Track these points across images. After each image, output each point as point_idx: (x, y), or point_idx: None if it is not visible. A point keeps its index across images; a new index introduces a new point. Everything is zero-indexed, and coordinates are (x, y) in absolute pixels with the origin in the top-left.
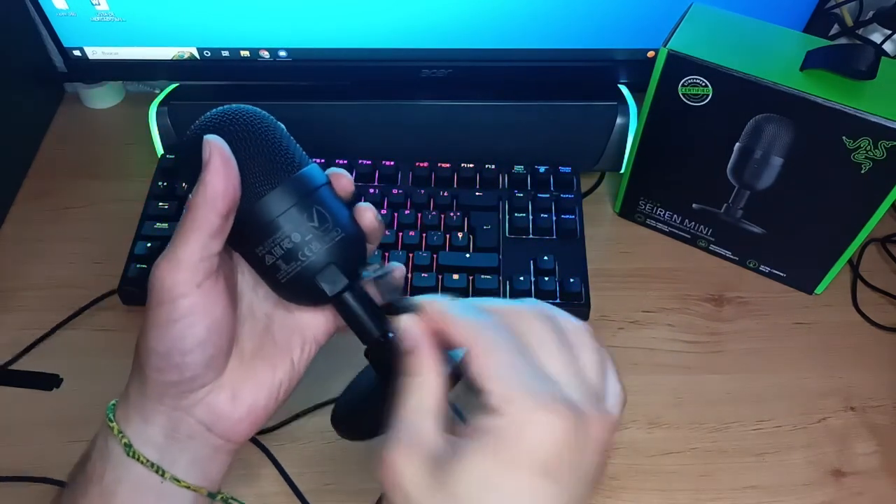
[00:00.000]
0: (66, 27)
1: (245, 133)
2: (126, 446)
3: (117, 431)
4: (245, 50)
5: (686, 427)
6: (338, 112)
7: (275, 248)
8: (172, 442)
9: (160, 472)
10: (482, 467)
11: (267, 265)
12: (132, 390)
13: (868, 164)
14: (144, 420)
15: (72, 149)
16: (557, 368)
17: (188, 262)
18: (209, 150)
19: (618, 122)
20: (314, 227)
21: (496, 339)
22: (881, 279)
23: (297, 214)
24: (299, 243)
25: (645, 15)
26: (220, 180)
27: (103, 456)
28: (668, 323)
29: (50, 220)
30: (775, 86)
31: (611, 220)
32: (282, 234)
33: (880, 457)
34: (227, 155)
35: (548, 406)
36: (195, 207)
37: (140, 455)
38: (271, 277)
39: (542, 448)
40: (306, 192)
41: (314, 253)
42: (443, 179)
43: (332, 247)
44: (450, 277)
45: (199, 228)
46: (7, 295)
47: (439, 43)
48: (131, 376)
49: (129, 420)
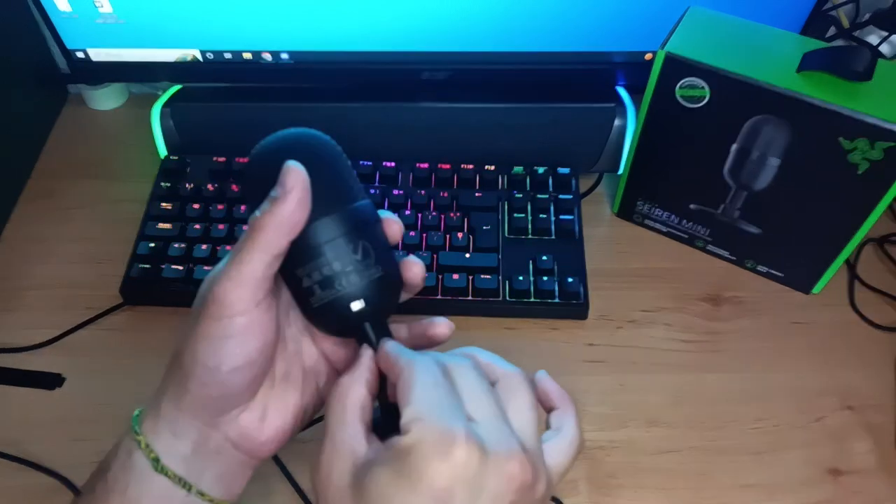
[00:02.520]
0: (69, 29)
1: (313, 156)
2: (154, 461)
3: (144, 445)
4: (247, 52)
5: (684, 426)
6: (339, 114)
7: (314, 273)
8: (200, 456)
9: (186, 486)
10: (385, 482)
11: (303, 287)
12: (164, 403)
13: (865, 164)
14: (175, 434)
15: (75, 150)
16: (480, 411)
17: (252, 279)
18: (293, 178)
19: (616, 123)
20: (357, 260)
21: (423, 372)
22: (878, 279)
23: (344, 245)
24: (339, 272)
25: (642, 18)
26: (298, 209)
27: (126, 468)
28: (666, 322)
29: (53, 220)
30: (772, 87)
31: (609, 221)
32: (324, 259)
33: (878, 455)
34: (308, 186)
35: (451, 434)
36: (264, 228)
37: (168, 470)
38: (304, 300)
39: (437, 475)
40: (357, 226)
41: (351, 285)
42: (443, 180)
43: (370, 283)
44: (450, 277)
45: (266, 249)
46: (10, 294)
47: (440, 46)
48: (163, 389)
49: (158, 433)
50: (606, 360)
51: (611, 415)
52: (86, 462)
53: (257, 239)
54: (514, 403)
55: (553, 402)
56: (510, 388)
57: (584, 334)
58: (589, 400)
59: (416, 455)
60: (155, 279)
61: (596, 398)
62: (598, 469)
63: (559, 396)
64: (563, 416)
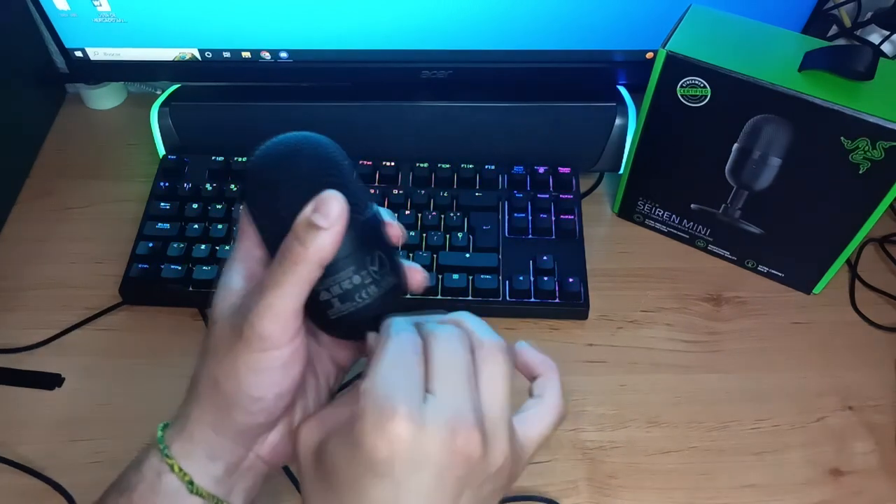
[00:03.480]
0: (67, 28)
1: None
2: (189, 483)
3: (178, 469)
4: (246, 51)
5: (685, 426)
6: (339, 113)
7: (334, 287)
8: (232, 476)
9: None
10: (338, 451)
11: (321, 300)
12: (199, 428)
13: (866, 164)
14: (211, 458)
15: (73, 149)
16: (443, 385)
17: (294, 311)
18: (337, 211)
19: (616, 122)
20: (374, 272)
21: (393, 349)
22: (879, 279)
23: (362, 257)
24: (358, 286)
25: (644, 16)
26: (338, 241)
27: (155, 489)
28: (667, 322)
29: (52, 220)
30: (773, 87)
31: (610, 221)
32: (344, 274)
33: (878, 456)
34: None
35: (390, 409)
36: (306, 261)
37: (203, 491)
38: (321, 312)
39: (375, 448)
40: (371, 235)
41: (370, 297)
42: (443, 180)
43: (386, 293)
44: (450, 277)
45: (307, 280)
46: (9, 294)
47: (439, 44)
48: (197, 414)
49: (191, 456)
50: (607, 361)
51: (611, 415)
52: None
53: (298, 271)
54: (486, 373)
55: (535, 370)
56: (486, 357)
57: (584, 334)
58: (589, 400)
59: (358, 427)
60: (154, 279)
61: (596, 398)
62: (599, 469)
63: (541, 363)
64: (544, 383)
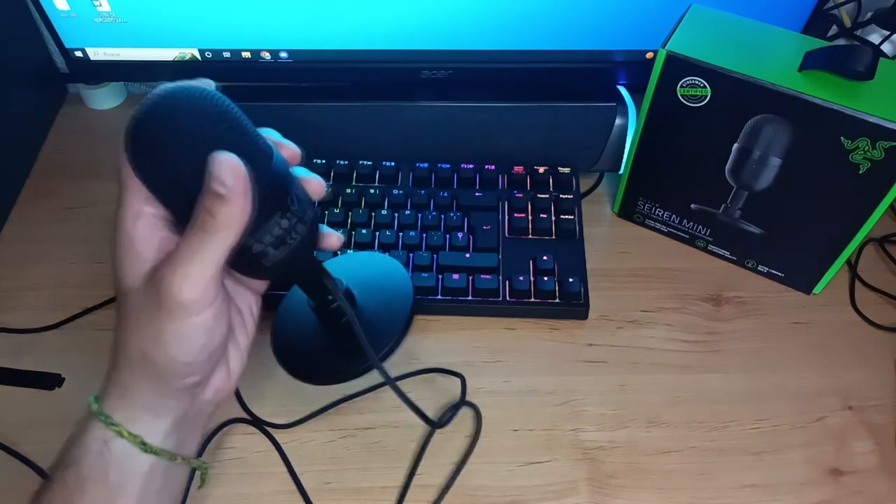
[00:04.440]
0: (67, 28)
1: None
2: (141, 444)
3: (127, 434)
4: (246, 51)
5: (685, 426)
6: (339, 113)
7: (265, 237)
8: (181, 425)
9: (173, 457)
10: None
11: (254, 252)
12: (137, 393)
13: (866, 164)
14: (156, 416)
15: (74, 149)
16: None
17: (213, 276)
18: (233, 174)
19: (617, 122)
20: (296, 210)
21: None
22: (879, 279)
23: (282, 200)
24: (287, 228)
25: (644, 16)
26: (246, 204)
27: (104, 456)
28: (667, 322)
29: (52, 220)
30: (773, 87)
31: (610, 221)
32: (273, 222)
33: (878, 456)
34: (249, 180)
35: None
36: (218, 229)
37: (156, 449)
38: (255, 262)
39: None
40: (282, 175)
41: (300, 234)
42: (443, 180)
43: (311, 224)
44: (450, 277)
45: (222, 246)
46: (9, 294)
47: (439, 44)
48: (128, 375)
49: (136, 420)
50: (607, 361)
51: (611, 415)
52: None
53: (215, 239)
54: None
55: None
56: None
57: (584, 334)
58: (589, 400)
59: None
60: None
61: (596, 398)
62: (599, 469)
63: None
64: None
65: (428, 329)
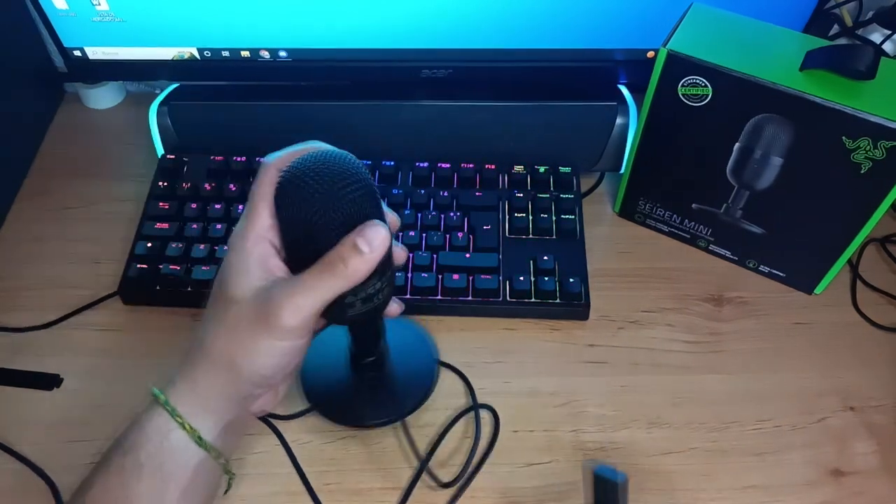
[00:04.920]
0: (66, 27)
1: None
2: (198, 439)
3: (189, 427)
4: (245, 50)
5: (686, 427)
6: (338, 112)
7: (360, 293)
8: (227, 431)
9: (220, 457)
10: None
11: (345, 302)
12: (207, 391)
13: (867, 164)
14: (215, 416)
15: (72, 149)
16: None
17: (316, 313)
18: (381, 242)
19: (617, 122)
20: (389, 277)
21: None
22: (880, 279)
23: (383, 269)
24: (378, 290)
25: (645, 15)
26: (371, 270)
27: (162, 448)
28: (668, 323)
29: (50, 219)
30: (775, 86)
31: (610, 220)
32: (371, 283)
33: (880, 456)
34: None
35: None
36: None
37: (208, 445)
38: (340, 310)
39: None
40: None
41: (384, 298)
42: (443, 179)
43: (392, 291)
44: (450, 277)
45: (335, 291)
46: (7, 295)
47: (439, 43)
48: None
49: (197, 415)
50: (608, 361)
51: (612, 416)
52: (80, 464)
53: (333, 283)
54: None
55: None
56: None
57: (585, 335)
58: (590, 401)
59: None
60: (153, 279)
61: (597, 399)
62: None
63: None
64: None
65: (428, 329)
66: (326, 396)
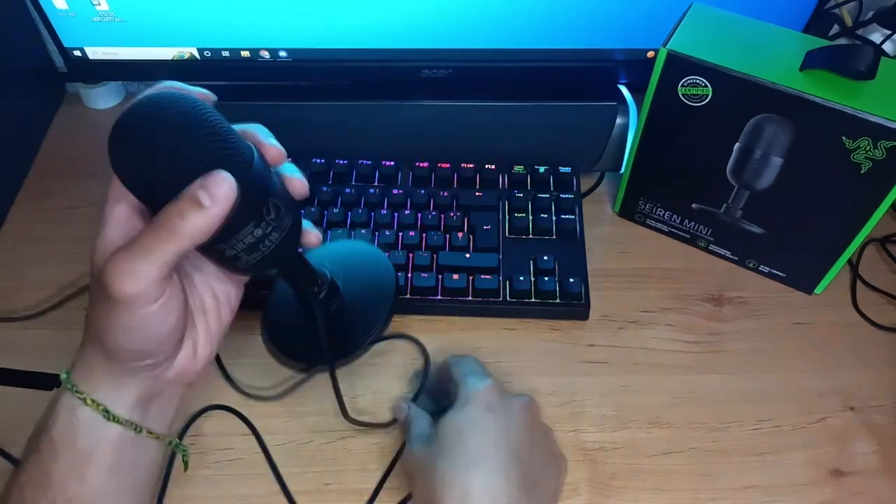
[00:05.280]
0: (66, 27)
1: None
2: (105, 412)
3: (91, 401)
4: (245, 50)
5: (686, 427)
6: (338, 112)
7: (237, 244)
8: (143, 401)
9: (137, 428)
10: None
11: (226, 255)
12: (97, 368)
13: (867, 164)
14: (117, 390)
15: (72, 149)
16: None
17: (162, 273)
18: (225, 193)
19: (617, 122)
20: (272, 220)
21: None
22: (880, 279)
23: (258, 211)
24: (260, 237)
25: (644, 15)
26: (213, 226)
27: (71, 424)
28: (668, 323)
29: (50, 219)
30: (775, 86)
31: (610, 220)
32: (245, 231)
33: (880, 456)
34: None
35: None
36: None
37: (119, 417)
38: (228, 263)
39: None
40: (262, 185)
41: (274, 243)
42: (443, 179)
43: (288, 232)
44: (450, 277)
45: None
46: (7, 295)
47: (439, 43)
48: (91, 351)
49: (99, 390)
50: (608, 361)
51: (612, 416)
52: None
53: (170, 243)
54: None
55: None
56: None
57: (585, 335)
58: (590, 401)
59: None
60: None
61: (597, 399)
62: (599, 470)
63: None
64: None
65: (428, 329)
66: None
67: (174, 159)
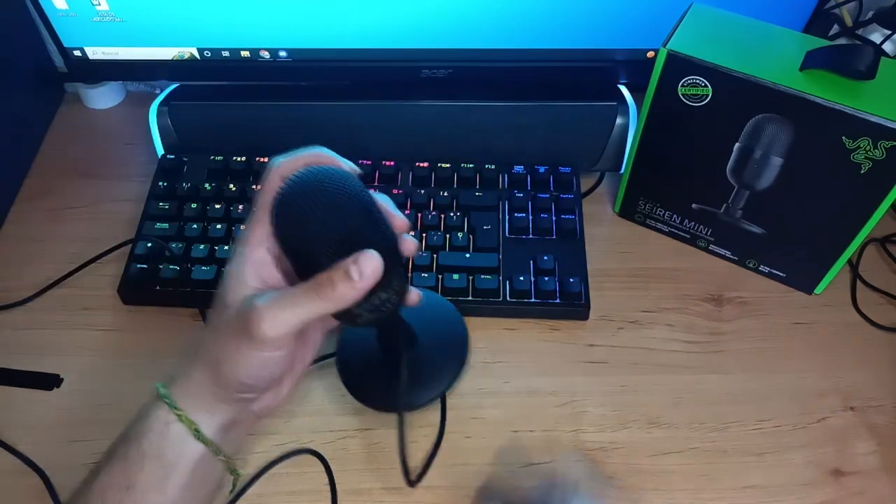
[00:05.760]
0: (66, 27)
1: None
2: (196, 432)
3: (186, 419)
4: (245, 50)
5: (686, 427)
6: (338, 112)
7: (364, 305)
8: (228, 428)
9: (218, 451)
10: None
11: (352, 312)
12: (201, 390)
13: (867, 164)
14: (211, 414)
15: (72, 149)
16: None
17: (300, 328)
18: (373, 271)
19: (617, 122)
20: (396, 286)
21: None
22: (880, 279)
23: (388, 280)
24: (384, 300)
25: (645, 15)
26: (361, 296)
27: (164, 436)
28: (668, 323)
29: (50, 219)
30: (775, 86)
31: (610, 220)
32: (374, 297)
33: (880, 456)
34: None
35: None
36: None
37: (207, 439)
38: (346, 319)
39: None
40: (394, 257)
41: (392, 304)
42: (443, 179)
43: (402, 296)
44: (450, 277)
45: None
46: (7, 294)
47: (439, 43)
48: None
49: (196, 410)
50: (608, 361)
51: (612, 416)
52: (80, 464)
53: (319, 304)
54: None
55: None
56: None
57: (585, 335)
58: (590, 401)
59: None
60: (152, 279)
61: (597, 399)
62: (600, 470)
63: None
64: None
65: None
66: (364, 385)
67: (331, 228)
